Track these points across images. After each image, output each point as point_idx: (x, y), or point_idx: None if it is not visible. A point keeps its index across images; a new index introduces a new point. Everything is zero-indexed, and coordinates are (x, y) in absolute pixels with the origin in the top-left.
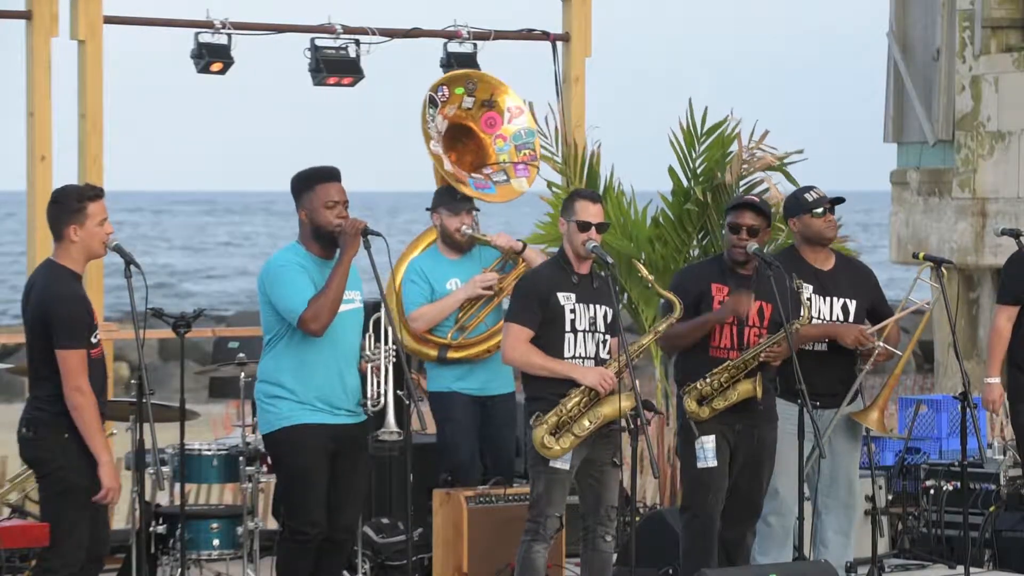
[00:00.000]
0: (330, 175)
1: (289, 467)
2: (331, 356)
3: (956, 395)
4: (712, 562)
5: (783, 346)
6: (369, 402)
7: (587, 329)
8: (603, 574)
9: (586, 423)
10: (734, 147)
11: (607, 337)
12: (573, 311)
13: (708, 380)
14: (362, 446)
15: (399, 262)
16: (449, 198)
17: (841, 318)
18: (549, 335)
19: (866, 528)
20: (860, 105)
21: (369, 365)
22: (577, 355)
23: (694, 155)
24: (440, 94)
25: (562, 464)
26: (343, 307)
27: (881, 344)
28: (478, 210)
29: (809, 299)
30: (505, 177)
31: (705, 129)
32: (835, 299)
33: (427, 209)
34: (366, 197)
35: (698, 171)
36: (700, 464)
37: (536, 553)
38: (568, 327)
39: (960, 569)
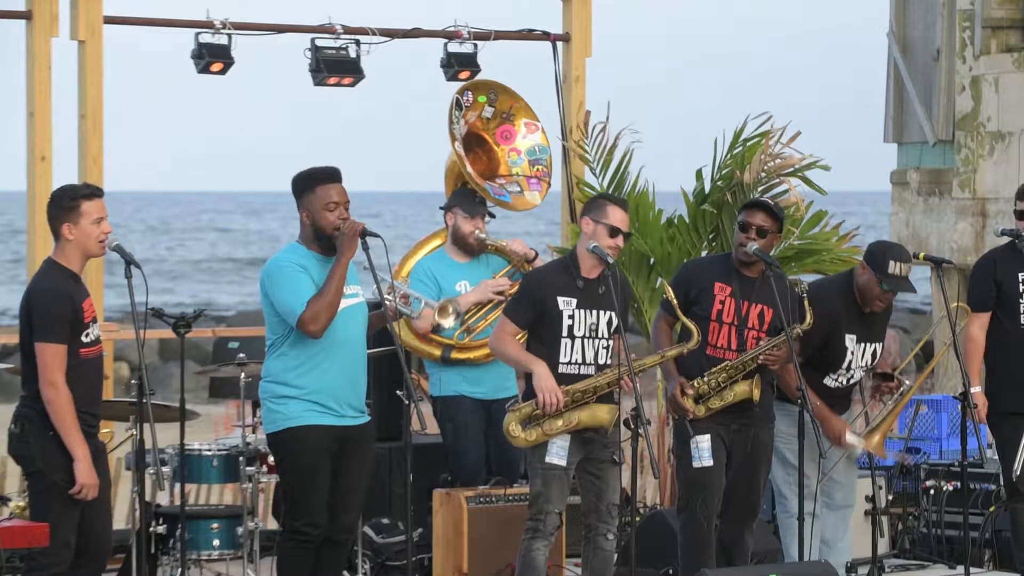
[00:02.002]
0: (330, 176)
1: (293, 467)
2: (339, 354)
3: (956, 395)
4: (710, 562)
5: (783, 350)
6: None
7: (586, 335)
8: (604, 573)
9: (559, 423)
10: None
11: (610, 343)
12: (572, 316)
13: (706, 379)
14: (365, 447)
15: (404, 261)
16: (467, 200)
17: (869, 363)
18: (546, 338)
19: (866, 528)
20: (860, 105)
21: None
22: (573, 360)
23: (727, 161)
24: (465, 99)
25: (558, 460)
26: (345, 302)
27: (907, 383)
28: (493, 216)
29: (852, 352)
30: (519, 189)
31: (744, 137)
32: (869, 344)
33: (441, 208)
34: (366, 197)
35: (723, 173)
36: (696, 464)
37: (536, 551)
38: (565, 332)
39: (960, 569)
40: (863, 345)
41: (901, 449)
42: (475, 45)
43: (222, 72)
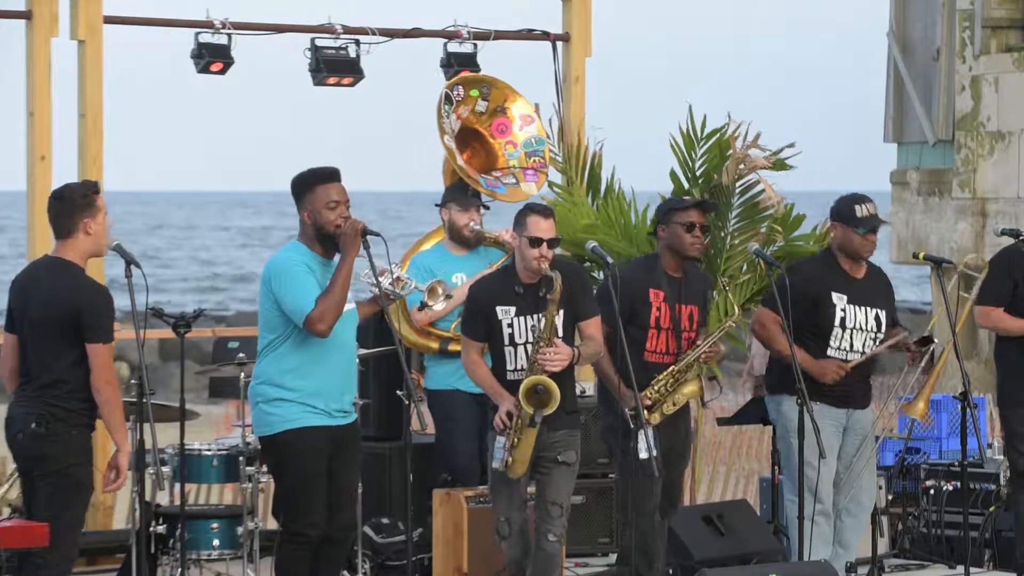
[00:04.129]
0: (330, 175)
1: (292, 470)
2: (335, 357)
3: (956, 395)
4: (661, 553)
5: (718, 346)
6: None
7: (528, 341)
8: (546, 573)
9: (516, 440)
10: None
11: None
12: (511, 325)
13: (655, 387)
14: (354, 445)
15: (404, 259)
16: (460, 193)
17: (875, 328)
18: (494, 348)
19: (866, 528)
20: (860, 105)
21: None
22: (518, 367)
23: (694, 157)
24: (456, 93)
25: (497, 464)
26: None
27: (936, 342)
28: (487, 207)
29: (843, 310)
30: (515, 180)
31: (705, 134)
32: (869, 309)
33: (436, 204)
34: (365, 197)
35: (698, 174)
36: (643, 455)
37: (504, 551)
38: (507, 341)
39: (960, 569)
40: (858, 308)
41: (901, 450)
42: (475, 45)
43: (222, 72)
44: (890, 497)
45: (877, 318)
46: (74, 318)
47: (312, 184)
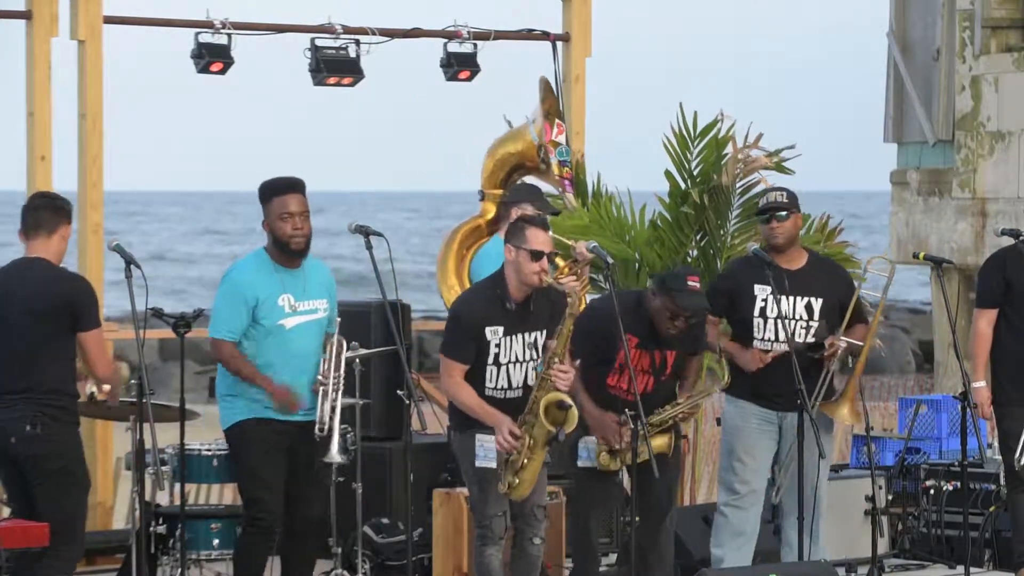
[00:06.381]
0: (288, 187)
1: (243, 460)
2: (283, 365)
3: (956, 395)
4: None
5: (696, 409)
6: (316, 426)
7: (514, 360)
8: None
9: (525, 461)
10: (729, 148)
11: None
12: (498, 345)
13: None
14: (313, 441)
15: (447, 248)
16: (537, 198)
17: (804, 316)
18: (474, 366)
19: (866, 528)
20: (860, 105)
21: (320, 388)
22: (499, 386)
23: (689, 157)
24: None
25: (488, 463)
26: (302, 318)
27: (845, 341)
28: (557, 213)
29: (764, 300)
30: (560, 191)
31: (698, 131)
32: (798, 298)
33: (503, 201)
34: (365, 197)
35: (695, 173)
36: (581, 463)
37: (490, 557)
38: (491, 360)
39: (960, 569)
40: (785, 297)
41: (901, 450)
42: (475, 45)
43: (222, 72)
44: (890, 497)
45: (808, 306)
46: (69, 309)
47: (269, 195)
